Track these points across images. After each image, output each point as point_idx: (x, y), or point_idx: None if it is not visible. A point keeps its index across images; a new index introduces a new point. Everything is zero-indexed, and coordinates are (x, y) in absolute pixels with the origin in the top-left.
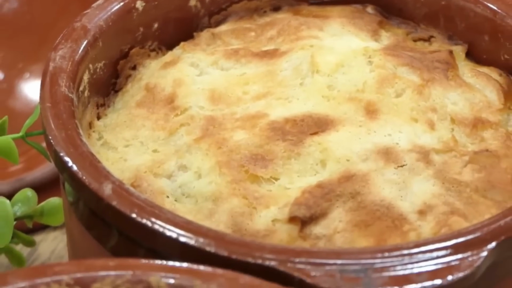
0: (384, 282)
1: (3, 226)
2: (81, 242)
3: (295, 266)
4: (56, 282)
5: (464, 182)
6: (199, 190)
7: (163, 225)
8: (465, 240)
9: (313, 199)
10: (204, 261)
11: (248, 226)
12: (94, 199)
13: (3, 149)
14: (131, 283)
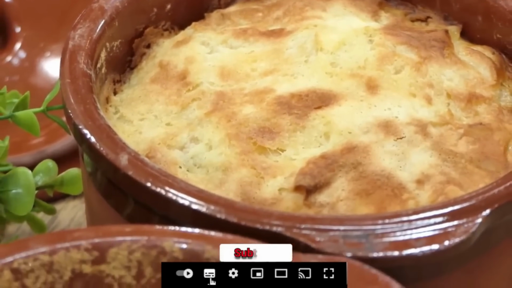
0: (384, 247)
1: (25, 195)
2: (99, 210)
3: (300, 232)
4: (75, 247)
5: (459, 154)
6: (210, 161)
7: (176, 193)
8: (461, 208)
9: (317, 169)
10: (215, 227)
11: (256, 194)
12: (111, 169)
13: (25, 122)
14: (146, 248)
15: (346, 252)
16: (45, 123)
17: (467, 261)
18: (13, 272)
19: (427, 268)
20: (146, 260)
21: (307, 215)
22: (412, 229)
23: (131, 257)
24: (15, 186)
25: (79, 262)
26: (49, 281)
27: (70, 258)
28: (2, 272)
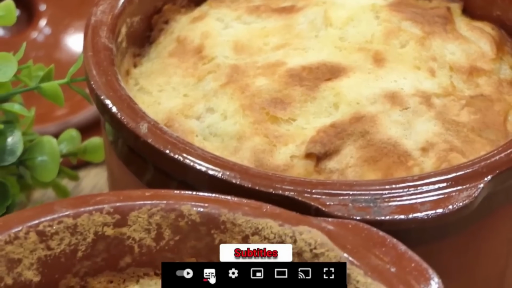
0: (391, 211)
1: (50, 162)
2: (120, 176)
3: (312, 196)
4: (97, 210)
5: (461, 123)
6: (225, 130)
7: (194, 160)
8: (463, 174)
9: (327, 138)
10: (230, 192)
11: (269, 161)
12: (132, 137)
13: (50, 93)
14: (165, 211)
15: (355, 215)
16: (68, 95)
17: (469, 224)
18: (39, 234)
19: (431, 231)
20: (165, 223)
21: (318, 180)
22: (418, 194)
23: (151, 220)
24: (40, 154)
25: (102, 224)
26: (72, 243)
27: (93, 221)
28: (28, 234)
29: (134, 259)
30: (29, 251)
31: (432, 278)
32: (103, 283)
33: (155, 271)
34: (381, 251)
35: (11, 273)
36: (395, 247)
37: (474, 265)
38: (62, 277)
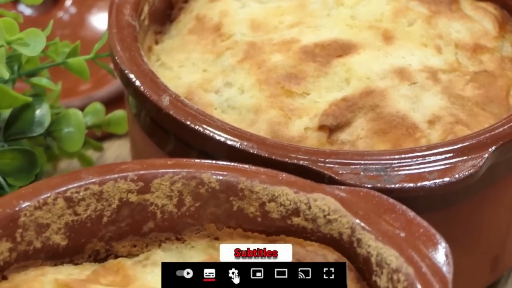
0: (401, 179)
1: (76, 133)
2: (143, 147)
3: (325, 165)
4: (122, 178)
5: (466, 97)
6: (242, 103)
7: (213, 130)
8: (469, 144)
9: (339, 111)
10: (248, 161)
11: (284, 133)
12: (154, 109)
13: (76, 68)
14: (186, 179)
15: (366, 183)
16: (93, 71)
17: (474, 193)
18: (66, 200)
19: (438, 199)
20: (186, 190)
21: (331, 150)
22: (426, 163)
23: (173, 187)
24: (67, 126)
25: (126, 191)
26: (98, 208)
27: (118, 188)
28: (56, 200)
29: (156, 225)
30: (57, 216)
31: (440, 243)
32: (127, 247)
33: (177, 236)
34: (391, 217)
35: (40, 237)
36: (405, 214)
37: (478, 232)
38: (88, 241)
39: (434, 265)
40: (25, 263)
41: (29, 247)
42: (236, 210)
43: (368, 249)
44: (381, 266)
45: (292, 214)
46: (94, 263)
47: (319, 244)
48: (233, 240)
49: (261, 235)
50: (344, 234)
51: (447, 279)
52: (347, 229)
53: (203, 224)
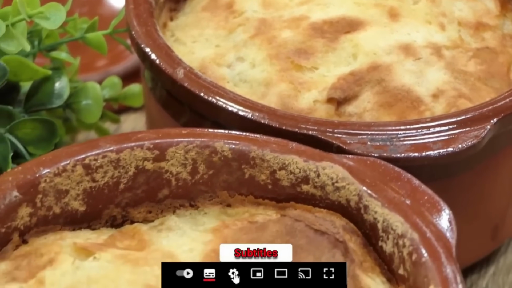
0: (406, 149)
1: (94, 105)
2: (158, 119)
3: (333, 135)
4: (138, 146)
5: (469, 72)
6: (253, 77)
7: (226, 102)
8: (472, 116)
9: (347, 84)
10: (259, 131)
11: (293, 105)
12: (169, 81)
13: (94, 42)
14: (200, 148)
15: (373, 152)
16: (110, 47)
17: (476, 163)
18: (85, 167)
19: (441, 169)
20: (200, 158)
21: (339, 121)
22: (430, 134)
23: (187, 155)
24: (85, 98)
25: (142, 159)
26: (115, 175)
27: (134, 155)
28: (75, 167)
29: (171, 191)
30: (76, 182)
31: (443, 210)
32: (142, 213)
33: (190, 203)
34: (397, 185)
35: (59, 203)
36: (410, 182)
37: (479, 201)
38: (105, 207)
39: (438, 231)
40: (44, 228)
41: (49, 212)
42: (248, 177)
43: (374, 215)
44: (387, 231)
45: (301, 181)
46: (111, 228)
47: (328, 211)
48: (245, 207)
49: (272, 202)
50: (352, 201)
51: (450, 244)
52: (355, 196)
53: (215, 191)
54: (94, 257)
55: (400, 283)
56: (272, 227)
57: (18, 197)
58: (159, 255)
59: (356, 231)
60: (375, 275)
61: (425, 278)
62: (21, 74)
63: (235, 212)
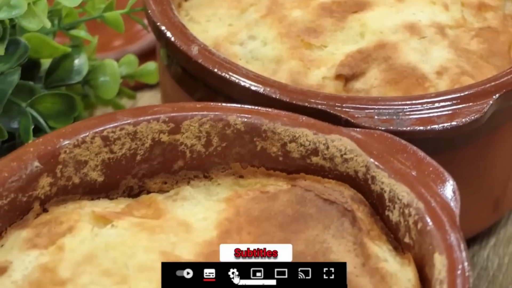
0: (412, 122)
1: (111, 81)
2: (173, 96)
3: (342, 109)
4: (155, 119)
5: (471, 51)
6: (265, 55)
7: (238, 77)
8: (475, 92)
9: (354, 62)
10: (270, 106)
11: (303, 82)
12: (184, 58)
13: (112, 21)
14: (214, 121)
15: (380, 126)
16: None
17: (478, 138)
18: (103, 139)
19: (445, 143)
20: (214, 131)
21: (347, 96)
22: (435, 109)
23: (201, 128)
24: (103, 75)
25: (158, 132)
26: (132, 147)
27: (151, 128)
28: (94, 139)
29: (186, 163)
30: (94, 154)
31: (448, 180)
32: (158, 183)
33: (204, 174)
34: (403, 157)
35: (78, 173)
36: (415, 154)
37: (481, 174)
38: (122, 178)
39: (442, 201)
40: (64, 197)
41: (68, 182)
42: (260, 150)
43: (381, 185)
44: (393, 201)
45: (311, 153)
46: (128, 198)
47: (336, 182)
48: (257, 178)
49: (282, 173)
50: (360, 172)
51: (454, 213)
52: (362, 168)
53: (228, 163)
54: (112, 225)
55: (406, 251)
56: (283, 196)
57: (39, 167)
58: (175, 223)
59: (364, 201)
60: (382, 243)
61: (430, 246)
62: (42, 51)
63: (247, 183)
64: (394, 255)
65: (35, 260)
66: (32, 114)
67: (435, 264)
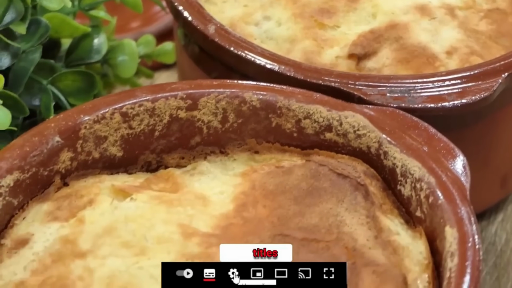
0: (423, 100)
1: (130, 61)
2: (191, 75)
3: (355, 87)
4: (172, 96)
5: (480, 31)
6: (279, 34)
7: (254, 56)
8: (484, 70)
9: (367, 41)
10: (285, 83)
11: (317, 61)
12: (201, 37)
13: (131, 2)
14: (230, 98)
15: (392, 103)
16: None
17: (487, 115)
18: (122, 115)
19: (455, 120)
20: (230, 107)
21: (360, 74)
22: (445, 87)
23: (218, 105)
24: (121, 54)
25: (176, 108)
26: (151, 123)
27: (169, 105)
28: (113, 115)
29: (202, 139)
30: (114, 129)
31: (458, 156)
32: (176, 159)
33: (221, 150)
34: (415, 133)
35: (98, 148)
36: (427, 130)
37: (489, 151)
38: (141, 153)
39: (453, 175)
40: (84, 172)
41: (88, 157)
42: (275, 126)
43: (393, 161)
44: (405, 176)
45: (325, 129)
46: (146, 173)
47: (349, 157)
48: (271, 153)
49: (297, 149)
50: (372, 147)
51: (465, 188)
52: (375, 143)
53: (244, 139)
54: (131, 198)
55: (417, 224)
56: (297, 171)
57: (60, 142)
58: (192, 196)
59: (376, 176)
60: (394, 216)
61: (441, 219)
62: (62, 31)
63: (262, 158)
64: (405, 228)
65: (56, 232)
66: (53, 91)
67: (446, 237)
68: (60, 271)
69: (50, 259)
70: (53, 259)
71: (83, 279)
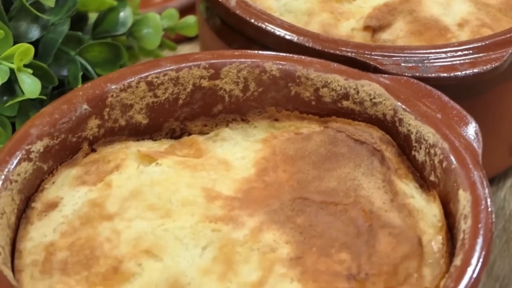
0: (436, 69)
1: (154, 33)
2: (212, 47)
3: (371, 57)
4: (196, 65)
5: (490, 5)
6: (297, 7)
7: (274, 27)
8: (495, 41)
9: (381, 14)
10: (304, 54)
11: (334, 33)
12: (223, 10)
13: None
14: (251, 67)
15: (406, 72)
16: None
17: (497, 84)
18: (148, 84)
19: (467, 89)
20: (251, 77)
21: (376, 44)
22: (457, 57)
23: (239, 74)
24: (146, 27)
25: (199, 77)
26: (175, 92)
27: (192, 74)
28: (139, 84)
29: (224, 107)
30: (139, 98)
31: (470, 122)
32: (199, 126)
33: (242, 117)
34: (428, 101)
35: (124, 116)
36: (440, 98)
37: (499, 119)
38: (165, 121)
39: (466, 141)
40: (111, 138)
41: (115, 125)
42: (294, 94)
43: (408, 127)
44: (419, 142)
45: (342, 98)
46: (170, 139)
47: (366, 124)
48: (291, 121)
49: (315, 117)
50: (388, 115)
51: (477, 153)
52: (390, 111)
53: (264, 107)
54: (157, 163)
55: (431, 189)
56: (316, 137)
57: (87, 110)
58: (215, 161)
59: (392, 142)
60: (409, 181)
61: (455, 183)
62: (89, 4)
63: (282, 125)
64: (420, 192)
65: (84, 196)
66: (81, 62)
67: (459, 200)
68: (88, 233)
69: (79, 222)
70: (81, 221)
71: (110, 240)
